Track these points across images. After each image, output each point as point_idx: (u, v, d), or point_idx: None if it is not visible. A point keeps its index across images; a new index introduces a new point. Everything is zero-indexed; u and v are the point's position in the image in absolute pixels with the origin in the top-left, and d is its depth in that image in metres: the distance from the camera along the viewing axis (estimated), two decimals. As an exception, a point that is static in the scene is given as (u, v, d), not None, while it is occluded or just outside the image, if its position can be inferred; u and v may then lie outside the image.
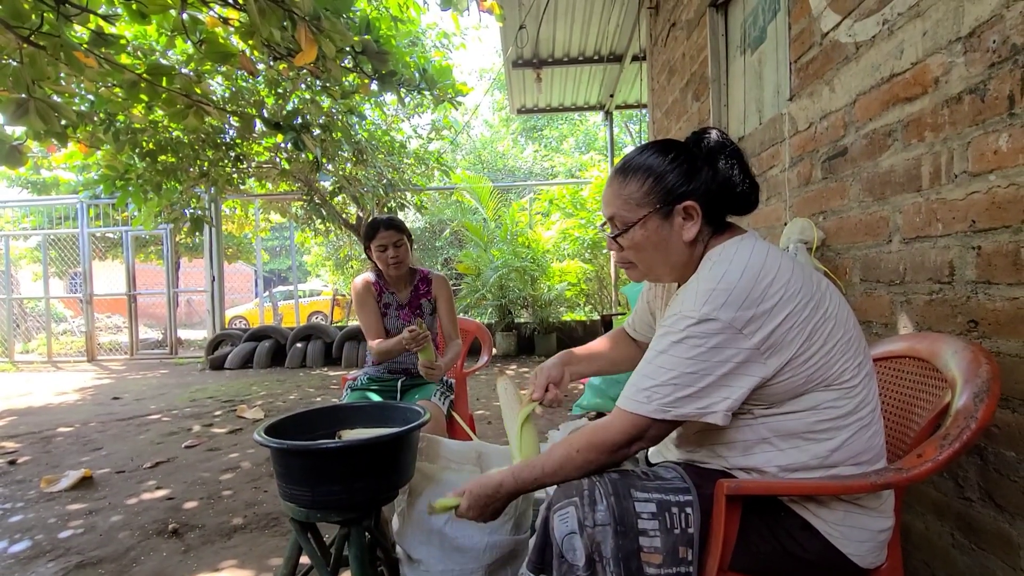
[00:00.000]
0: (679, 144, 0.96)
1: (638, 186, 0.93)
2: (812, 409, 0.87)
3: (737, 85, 2.53)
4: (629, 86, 5.93)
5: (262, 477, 2.60)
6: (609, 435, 0.88)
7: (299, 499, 1.20)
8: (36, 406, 4.61)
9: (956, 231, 1.19)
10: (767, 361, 0.83)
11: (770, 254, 0.87)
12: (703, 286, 0.85)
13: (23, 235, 9.03)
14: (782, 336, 0.82)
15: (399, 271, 2.03)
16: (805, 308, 0.83)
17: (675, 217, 0.92)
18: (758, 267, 0.84)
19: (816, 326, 0.84)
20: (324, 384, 5.22)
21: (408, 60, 4.02)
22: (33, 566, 1.82)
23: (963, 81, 1.16)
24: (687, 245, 0.93)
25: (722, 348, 0.82)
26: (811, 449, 0.88)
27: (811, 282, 0.87)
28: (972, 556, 1.18)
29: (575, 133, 17.91)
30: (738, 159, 0.93)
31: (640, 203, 0.93)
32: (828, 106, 1.65)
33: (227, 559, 1.83)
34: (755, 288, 0.82)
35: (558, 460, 0.92)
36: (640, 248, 0.96)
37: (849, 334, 0.88)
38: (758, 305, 0.81)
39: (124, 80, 2.23)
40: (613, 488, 0.87)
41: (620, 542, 0.83)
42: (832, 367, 0.85)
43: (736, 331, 0.81)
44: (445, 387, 2.08)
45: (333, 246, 11.86)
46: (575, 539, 0.84)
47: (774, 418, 0.89)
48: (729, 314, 0.81)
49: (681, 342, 0.84)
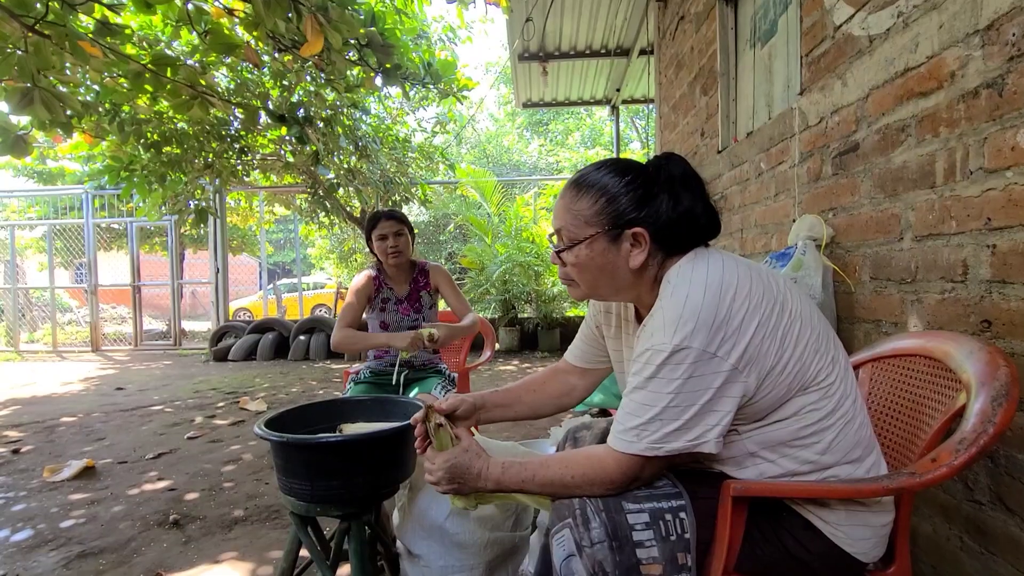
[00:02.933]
0: (638, 167, 0.92)
1: (589, 204, 0.90)
2: (795, 416, 0.85)
3: (746, 79, 2.49)
4: (636, 80, 5.88)
5: (263, 469, 2.61)
6: (607, 473, 0.86)
7: (299, 493, 1.19)
8: (40, 395, 4.63)
9: (971, 229, 1.16)
10: (747, 378, 0.81)
11: (725, 267, 0.84)
12: (669, 315, 0.82)
13: (29, 225, 9.07)
14: (756, 349, 0.80)
15: (399, 260, 2.02)
16: (772, 315, 0.82)
17: (623, 242, 0.89)
18: (717, 284, 0.82)
19: (785, 331, 0.82)
20: (327, 377, 5.22)
21: (412, 55, 3.99)
22: (35, 555, 1.82)
23: (980, 75, 1.13)
24: (633, 272, 0.90)
25: (701, 376, 0.79)
26: (800, 455, 0.86)
27: (771, 286, 0.85)
28: (981, 560, 1.16)
29: (580, 128, 17.84)
30: (699, 189, 0.90)
31: (588, 221, 0.90)
32: (840, 101, 1.62)
33: (227, 551, 1.83)
34: (720, 307, 0.80)
35: (551, 477, 0.89)
36: (583, 268, 0.92)
37: (816, 330, 0.86)
38: (727, 324, 0.79)
39: (129, 70, 2.21)
40: (604, 504, 0.86)
41: (618, 558, 0.82)
42: (808, 369, 0.84)
43: (711, 355, 0.79)
44: (447, 381, 2.07)
45: (337, 239, 11.85)
46: (574, 562, 0.83)
47: (758, 431, 0.87)
48: (701, 340, 0.79)
49: (657, 376, 0.81)
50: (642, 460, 0.84)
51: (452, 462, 0.94)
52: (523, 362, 5.78)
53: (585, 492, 0.87)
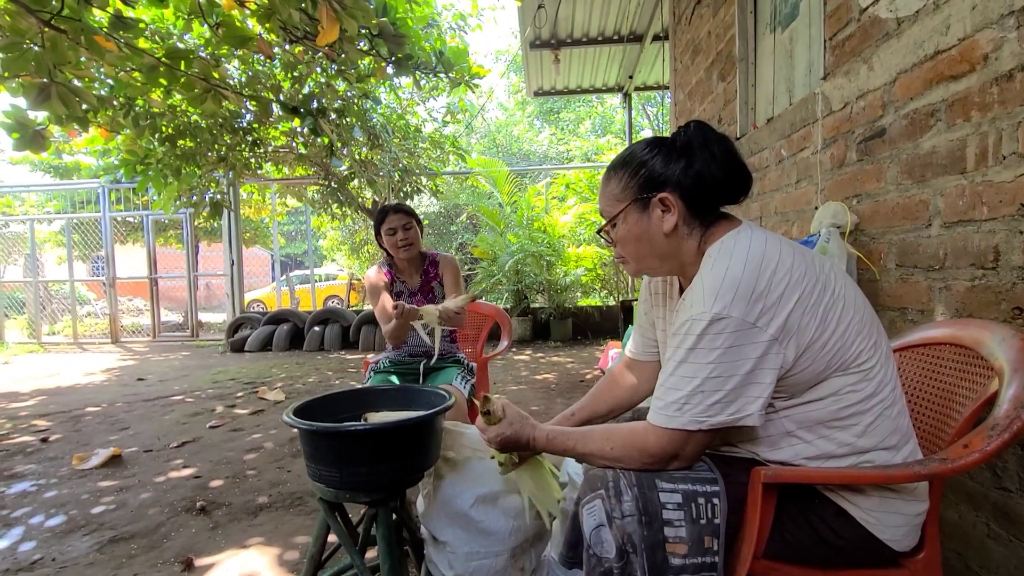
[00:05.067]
0: (663, 139, 0.97)
1: (617, 182, 0.96)
2: (833, 396, 0.85)
3: (766, 64, 2.45)
4: (649, 67, 5.81)
5: (285, 457, 2.65)
6: (647, 448, 0.87)
7: (328, 479, 1.21)
8: (64, 386, 4.74)
9: (1003, 215, 1.14)
10: (785, 350, 0.81)
11: (768, 243, 0.85)
12: (708, 285, 0.83)
13: (47, 219, 9.22)
14: (796, 322, 0.81)
15: (409, 253, 2.03)
16: (813, 291, 0.82)
17: (653, 209, 0.93)
18: (759, 258, 0.83)
19: (827, 308, 0.83)
20: (342, 367, 5.28)
21: (424, 44, 3.97)
22: (69, 539, 1.88)
23: (1015, 57, 1.10)
24: (667, 236, 0.93)
25: (740, 346, 0.80)
26: (838, 437, 0.87)
27: (814, 265, 0.86)
28: (1009, 547, 1.16)
29: (592, 116, 17.67)
30: (721, 149, 0.91)
31: (618, 198, 0.96)
32: (865, 85, 1.59)
33: (254, 536, 1.87)
34: (760, 279, 0.81)
35: (592, 449, 0.93)
36: (624, 242, 0.98)
37: (860, 313, 0.87)
38: (766, 296, 0.80)
39: (143, 64, 2.23)
40: (637, 479, 0.87)
41: (645, 532, 0.83)
42: (848, 349, 0.84)
43: (750, 325, 0.80)
44: (466, 371, 2.09)
45: (349, 230, 11.91)
46: (604, 531, 0.84)
47: (795, 409, 0.87)
48: (740, 309, 0.80)
49: (698, 347, 0.82)
50: (684, 435, 0.85)
51: (506, 435, 1.03)
52: (536, 352, 5.79)
53: (623, 466, 0.89)
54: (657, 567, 0.82)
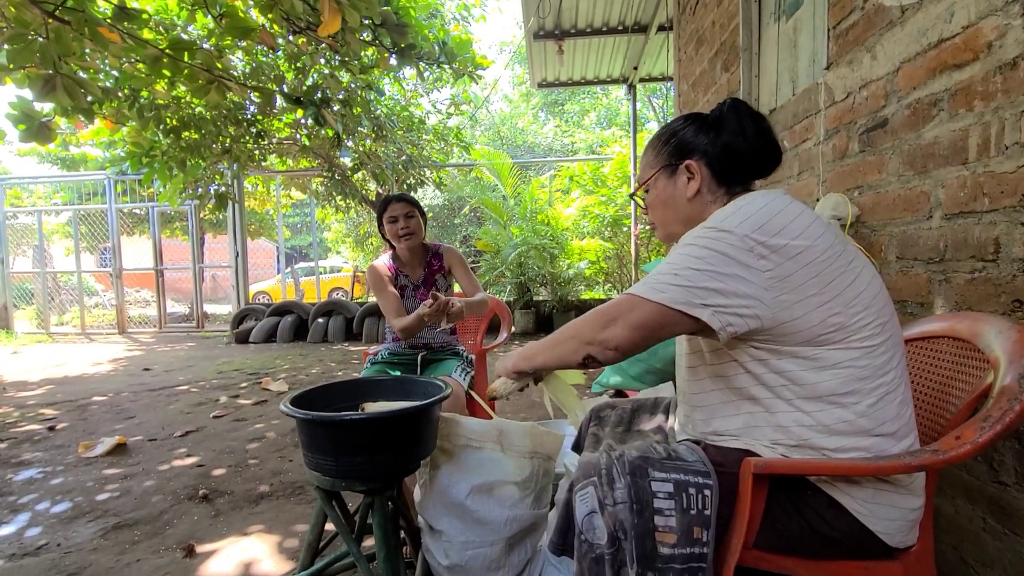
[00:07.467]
0: (699, 114, 1.05)
1: (653, 149, 1.06)
2: (833, 368, 0.85)
3: (770, 54, 2.42)
4: (654, 58, 5.75)
5: (287, 447, 2.68)
6: (601, 306, 0.93)
7: (324, 468, 1.22)
8: (72, 376, 4.79)
9: (1004, 206, 1.13)
10: (772, 296, 0.83)
11: (793, 203, 0.88)
12: (719, 214, 0.90)
13: (55, 210, 9.28)
14: (792, 272, 0.82)
15: (411, 243, 2.02)
16: (824, 254, 0.84)
17: (680, 176, 1.01)
18: (778, 207, 0.86)
19: (836, 274, 0.84)
20: (345, 359, 5.31)
21: (427, 33, 3.95)
22: (74, 525, 1.91)
23: (1019, 45, 1.08)
24: (690, 201, 1.00)
25: (731, 257, 0.83)
26: (836, 413, 0.86)
27: (839, 240, 0.87)
28: (1004, 541, 1.15)
29: (596, 108, 17.55)
30: (752, 125, 0.97)
31: (651, 164, 1.06)
32: (868, 75, 1.57)
33: (255, 524, 1.90)
34: (772, 221, 0.84)
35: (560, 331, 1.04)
36: (652, 206, 1.07)
37: (873, 293, 0.87)
38: (772, 236, 0.83)
39: (147, 55, 2.23)
40: (631, 468, 0.87)
41: (636, 520, 0.84)
42: (854, 316, 0.84)
43: (747, 249, 0.83)
44: (466, 363, 2.09)
45: (353, 223, 11.93)
46: (596, 518, 0.85)
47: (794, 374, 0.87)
48: (744, 231, 0.84)
49: (693, 244, 0.88)
50: (633, 301, 0.89)
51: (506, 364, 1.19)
52: (539, 344, 5.80)
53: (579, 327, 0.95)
54: (646, 555, 0.83)
